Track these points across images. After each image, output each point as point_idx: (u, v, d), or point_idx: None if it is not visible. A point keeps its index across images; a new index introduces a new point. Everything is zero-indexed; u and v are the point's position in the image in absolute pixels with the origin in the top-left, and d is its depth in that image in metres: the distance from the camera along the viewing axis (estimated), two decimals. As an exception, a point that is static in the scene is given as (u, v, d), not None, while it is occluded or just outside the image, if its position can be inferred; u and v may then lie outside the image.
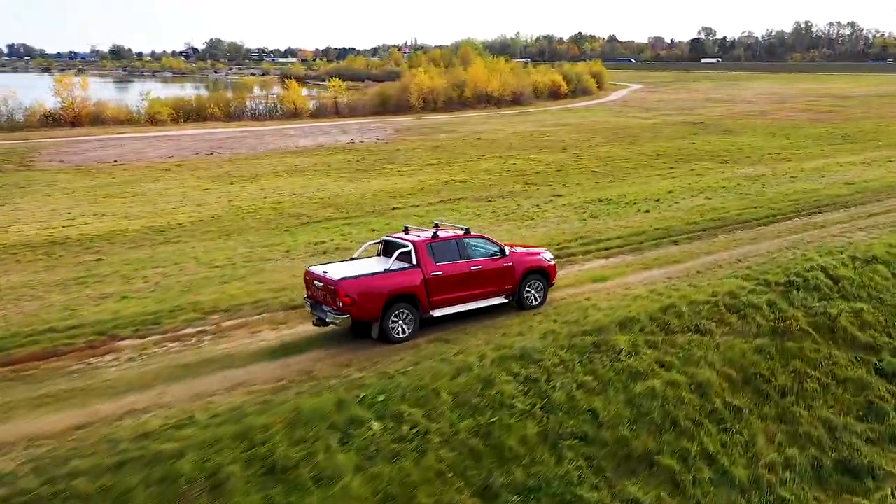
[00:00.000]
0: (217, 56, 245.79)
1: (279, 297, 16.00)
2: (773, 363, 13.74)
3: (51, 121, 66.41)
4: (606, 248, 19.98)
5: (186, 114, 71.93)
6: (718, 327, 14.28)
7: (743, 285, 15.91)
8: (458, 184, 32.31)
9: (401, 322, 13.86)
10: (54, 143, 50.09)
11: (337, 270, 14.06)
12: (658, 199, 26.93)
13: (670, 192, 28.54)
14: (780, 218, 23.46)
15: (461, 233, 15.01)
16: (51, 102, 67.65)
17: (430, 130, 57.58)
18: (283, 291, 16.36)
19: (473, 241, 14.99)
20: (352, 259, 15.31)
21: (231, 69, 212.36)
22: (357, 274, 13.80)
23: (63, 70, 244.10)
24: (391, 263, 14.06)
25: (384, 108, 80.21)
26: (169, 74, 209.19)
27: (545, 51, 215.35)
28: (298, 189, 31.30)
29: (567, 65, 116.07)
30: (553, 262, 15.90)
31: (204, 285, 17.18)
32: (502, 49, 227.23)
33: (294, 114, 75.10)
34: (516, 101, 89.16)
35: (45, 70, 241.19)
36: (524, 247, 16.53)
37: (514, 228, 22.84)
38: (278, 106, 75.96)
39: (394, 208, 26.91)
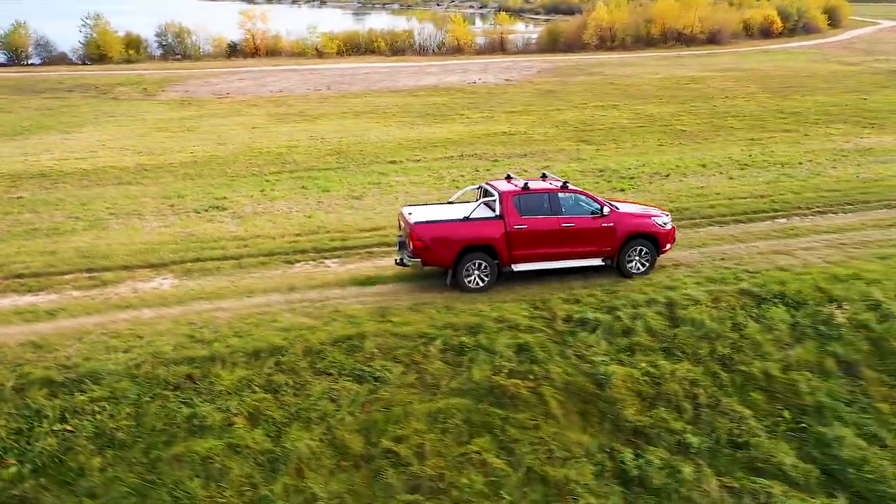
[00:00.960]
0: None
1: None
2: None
3: (234, 51, 71.69)
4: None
5: (354, 47, 73.56)
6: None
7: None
8: (501, 136, 28.84)
9: (477, 272, 13.58)
10: (203, 74, 53.43)
11: (420, 213, 13.92)
12: (668, 175, 21.74)
13: (703, 165, 22.99)
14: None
15: (558, 186, 14.09)
16: (236, 35, 72.79)
17: (573, 72, 52.72)
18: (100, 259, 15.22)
19: (570, 197, 14.04)
20: (449, 202, 15.09)
21: (453, 2, 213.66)
22: (435, 219, 13.56)
23: (308, 2, 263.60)
24: (473, 211, 13.71)
25: (554, 45, 75.29)
26: (396, 6, 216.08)
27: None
28: (334, 132, 29.92)
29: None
30: (667, 227, 14.46)
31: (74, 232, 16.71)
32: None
33: (457, 49, 73.28)
34: (712, 39, 78.85)
35: (293, 2, 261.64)
36: (641, 207, 15.29)
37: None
38: (445, 42, 74.56)
39: (390, 162, 24.56)
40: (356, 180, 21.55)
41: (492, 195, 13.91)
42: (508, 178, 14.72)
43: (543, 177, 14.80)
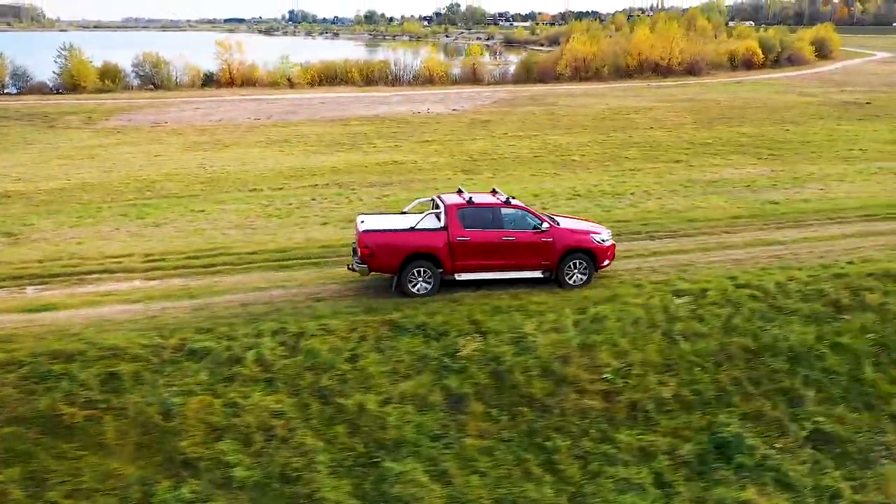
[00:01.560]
0: (454, 20, 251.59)
1: None
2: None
3: (210, 81, 72.94)
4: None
5: (329, 78, 74.45)
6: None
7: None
8: (390, 165, 28.90)
9: (421, 280, 14.26)
10: (164, 104, 54.38)
11: (370, 222, 14.70)
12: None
13: (574, 191, 22.76)
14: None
15: (501, 202, 14.87)
16: (214, 65, 74.10)
17: (525, 103, 52.79)
18: None
19: (513, 212, 14.74)
20: (402, 213, 15.85)
21: (461, 33, 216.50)
22: (382, 228, 14.31)
23: (322, 34, 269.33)
24: (420, 222, 14.43)
25: (528, 76, 75.57)
26: (406, 38, 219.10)
27: (803, 13, 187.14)
28: (231, 161, 30.15)
29: (774, 30, 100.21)
30: (606, 244, 15.16)
31: None
32: (754, 11, 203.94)
33: (429, 80, 73.87)
34: (690, 70, 78.70)
35: (308, 34, 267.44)
36: (586, 223, 16.08)
37: (289, 226, 19.55)
38: (419, 73, 75.12)
39: (251, 190, 24.67)
40: (185, 209, 21.47)
41: (439, 207, 14.67)
42: (459, 192, 15.39)
43: (493, 192, 15.52)
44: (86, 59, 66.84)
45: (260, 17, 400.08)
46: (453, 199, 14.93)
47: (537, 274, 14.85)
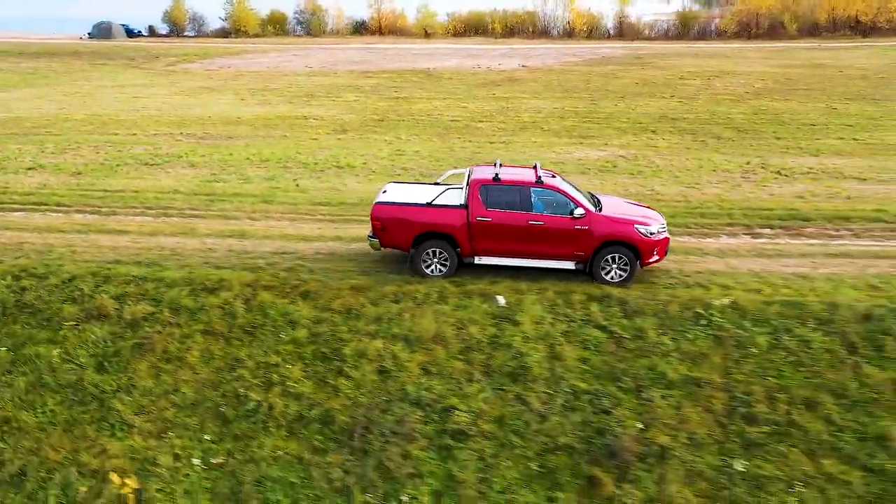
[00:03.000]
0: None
1: None
2: None
3: (363, 29, 75.68)
4: None
5: (474, 28, 72.97)
6: None
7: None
8: (302, 120, 28.29)
9: (436, 261, 13.13)
10: (274, 49, 57.96)
11: (392, 192, 13.67)
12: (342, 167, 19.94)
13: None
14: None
15: (532, 180, 13.05)
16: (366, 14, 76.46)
17: (618, 65, 47.21)
18: None
19: (545, 193, 12.91)
20: (435, 183, 14.43)
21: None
22: (397, 201, 13.18)
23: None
24: (438, 196, 13.17)
25: (685, 32, 66.87)
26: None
27: None
28: (213, 106, 31.60)
29: None
30: (655, 237, 12.86)
31: None
32: None
33: (569, 33, 69.02)
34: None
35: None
36: (637, 210, 13.76)
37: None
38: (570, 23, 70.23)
39: (153, 133, 25.67)
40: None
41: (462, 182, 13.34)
42: (496, 164, 13.80)
43: (535, 167, 13.57)
44: (247, 7, 73.01)
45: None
46: (481, 173, 13.17)
47: (569, 265, 12.93)
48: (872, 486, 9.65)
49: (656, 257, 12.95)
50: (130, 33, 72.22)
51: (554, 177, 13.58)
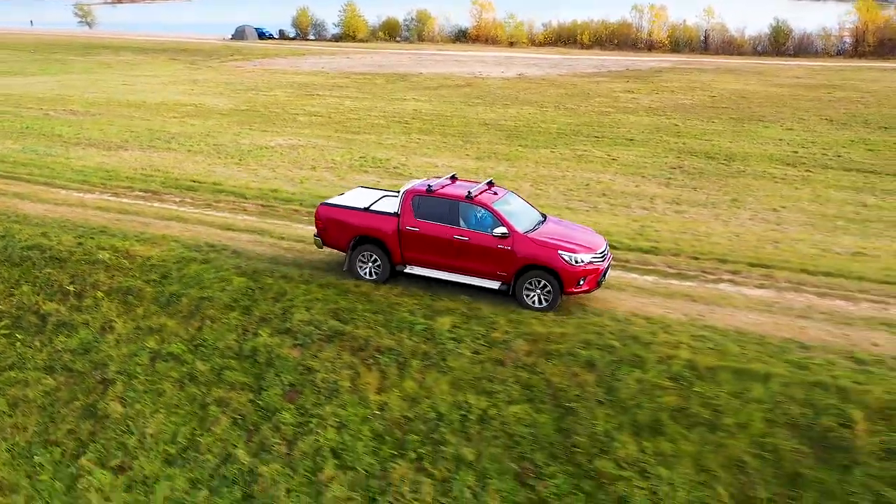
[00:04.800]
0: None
1: None
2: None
3: (463, 37, 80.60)
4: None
5: (563, 38, 75.00)
6: None
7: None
8: (236, 114, 34.03)
9: (369, 265, 13.72)
10: (344, 52, 64.90)
11: (345, 197, 14.49)
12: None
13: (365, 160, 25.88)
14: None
15: (462, 195, 13.16)
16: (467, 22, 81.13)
17: (639, 77, 47.91)
18: None
19: (472, 209, 13.01)
20: (398, 192, 14.20)
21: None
22: (343, 204, 13.92)
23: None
24: (376, 202, 13.85)
25: (779, 47, 63.35)
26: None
27: None
28: (199, 97, 38.50)
29: None
30: (580, 265, 12.48)
31: None
32: None
33: (650, 45, 68.83)
34: None
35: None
36: (582, 235, 13.46)
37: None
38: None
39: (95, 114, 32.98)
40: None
41: (401, 191, 13.69)
42: (453, 178, 14.18)
43: (489, 184, 13.87)
44: (358, 15, 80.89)
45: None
46: (419, 184, 13.69)
47: (493, 285, 12.96)
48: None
49: (584, 286, 12.59)
50: (262, 35, 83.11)
51: (496, 193, 13.50)
